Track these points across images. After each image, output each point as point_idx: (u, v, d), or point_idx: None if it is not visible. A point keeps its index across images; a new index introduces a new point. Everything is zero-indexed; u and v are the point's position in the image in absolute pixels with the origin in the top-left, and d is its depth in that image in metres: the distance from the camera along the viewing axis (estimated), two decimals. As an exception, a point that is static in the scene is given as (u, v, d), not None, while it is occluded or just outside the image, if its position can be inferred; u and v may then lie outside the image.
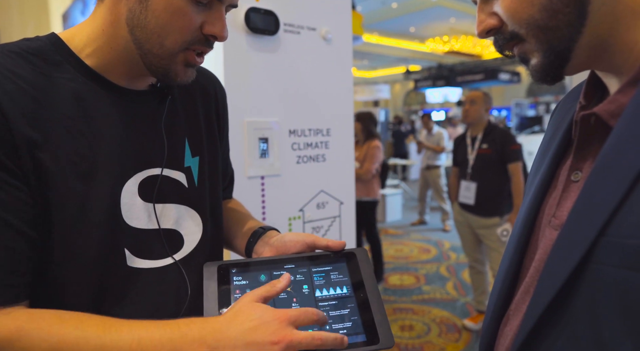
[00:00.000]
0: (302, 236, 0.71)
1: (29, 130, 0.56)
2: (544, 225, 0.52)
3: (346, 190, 1.68)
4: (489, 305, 0.58)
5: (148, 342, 0.52)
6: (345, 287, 0.65)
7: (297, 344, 0.52)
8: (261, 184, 1.44)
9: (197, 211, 0.73)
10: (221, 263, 0.65)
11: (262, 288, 0.58)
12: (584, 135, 0.50)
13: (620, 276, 0.38)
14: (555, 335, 0.43)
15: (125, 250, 0.64)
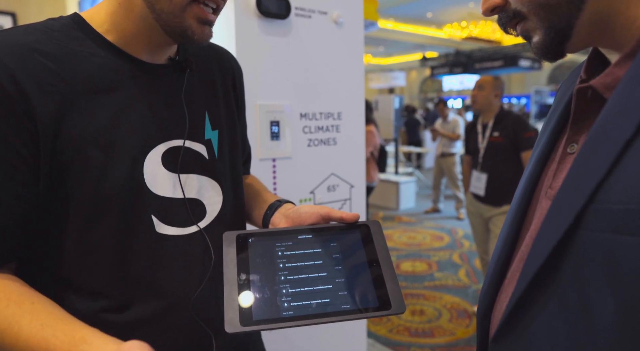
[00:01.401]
0: (317, 208, 0.73)
1: (49, 103, 0.59)
2: (541, 196, 0.54)
3: (357, 173, 1.70)
4: (487, 275, 0.60)
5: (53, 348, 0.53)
6: (359, 257, 0.67)
7: None
8: (272, 166, 1.47)
9: (217, 182, 0.77)
10: (240, 233, 0.67)
11: None
12: (580, 108, 0.50)
13: (606, 241, 0.39)
14: (545, 298, 0.45)
15: (153, 216, 0.68)
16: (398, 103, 6.35)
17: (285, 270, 0.64)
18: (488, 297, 0.58)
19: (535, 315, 0.46)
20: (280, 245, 0.67)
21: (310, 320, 0.59)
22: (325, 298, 0.61)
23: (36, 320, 0.54)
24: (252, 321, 0.58)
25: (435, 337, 2.90)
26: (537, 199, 0.55)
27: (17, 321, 0.54)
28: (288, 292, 0.61)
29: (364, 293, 0.63)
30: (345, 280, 0.64)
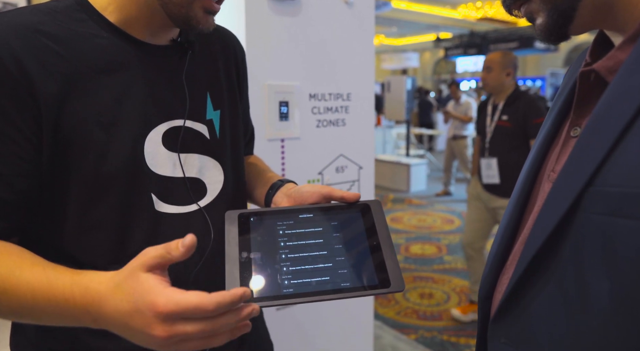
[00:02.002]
0: (318, 187, 0.73)
1: (52, 84, 0.60)
2: (544, 180, 0.54)
3: (365, 154, 1.69)
4: (489, 257, 0.60)
5: (40, 296, 0.53)
6: (359, 236, 0.68)
7: (179, 338, 0.47)
8: (281, 147, 1.46)
9: (218, 161, 0.77)
10: (242, 212, 0.68)
11: (156, 252, 0.51)
12: (583, 92, 0.50)
13: (603, 223, 0.40)
14: (544, 280, 0.45)
15: (152, 195, 0.68)
16: (410, 85, 6.28)
17: (286, 249, 0.65)
18: (490, 279, 0.58)
19: (534, 295, 0.46)
20: (282, 224, 0.68)
21: (309, 297, 0.60)
22: (325, 276, 0.62)
23: (38, 265, 0.55)
24: (252, 298, 0.59)
25: (444, 320, 2.92)
26: (540, 182, 0.55)
27: (19, 266, 0.55)
28: (289, 270, 0.62)
29: (363, 271, 0.64)
30: (345, 258, 0.65)
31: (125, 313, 0.48)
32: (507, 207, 0.60)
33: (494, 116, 2.65)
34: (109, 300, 0.50)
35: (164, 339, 0.47)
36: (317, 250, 0.65)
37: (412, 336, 2.72)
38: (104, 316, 0.50)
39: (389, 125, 8.75)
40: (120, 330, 0.50)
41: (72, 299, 0.52)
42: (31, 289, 0.54)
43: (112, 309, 0.49)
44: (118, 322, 0.49)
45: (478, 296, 0.61)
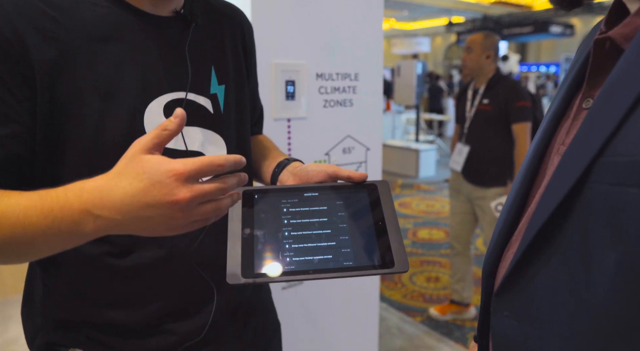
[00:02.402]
0: (324, 167, 0.73)
1: (48, 50, 0.60)
2: (553, 154, 0.52)
3: (373, 136, 1.68)
4: (493, 234, 0.59)
5: (33, 212, 0.51)
6: (365, 216, 0.67)
7: (201, 198, 0.49)
8: (287, 127, 1.45)
9: (222, 136, 0.76)
10: (246, 189, 0.68)
11: (151, 134, 0.51)
12: (598, 61, 0.48)
13: (612, 193, 0.38)
14: (549, 253, 0.45)
15: None
16: (421, 69, 6.20)
17: (289, 226, 0.64)
18: (494, 256, 0.57)
19: (539, 269, 0.46)
20: (286, 201, 0.67)
21: (311, 275, 0.60)
22: (327, 255, 0.62)
23: (35, 194, 0.53)
24: (253, 274, 0.59)
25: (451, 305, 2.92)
26: (550, 157, 0.54)
27: (7, 195, 0.54)
28: (291, 247, 0.62)
29: (367, 251, 0.63)
30: (350, 237, 0.64)
31: (140, 191, 0.48)
32: (514, 183, 0.59)
33: (474, 101, 2.53)
34: (114, 189, 0.49)
35: (188, 201, 0.48)
36: (321, 228, 0.65)
37: (418, 318, 2.74)
38: (108, 207, 0.48)
39: (398, 111, 8.68)
40: (132, 216, 0.49)
41: (68, 205, 0.50)
42: (23, 207, 0.51)
43: (120, 195, 0.48)
44: (129, 207, 0.48)
45: (482, 273, 0.60)
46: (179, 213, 0.49)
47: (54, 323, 0.73)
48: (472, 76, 2.58)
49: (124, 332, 0.71)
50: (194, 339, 0.74)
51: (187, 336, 0.74)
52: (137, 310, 0.71)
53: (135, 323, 0.71)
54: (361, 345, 1.85)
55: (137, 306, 0.70)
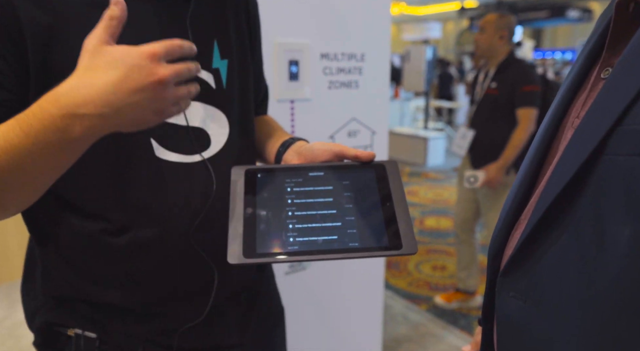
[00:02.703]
0: (330, 145, 0.70)
1: (41, 17, 0.57)
2: (567, 128, 0.49)
3: (379, 119, 1.63)
4: (500, 214, 0.56)
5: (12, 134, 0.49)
6: (372, 197, 0.65)
7: (178, 75, 0.51)
8: (290, 108, 1.41)
9: (224, 112, 0.74)
10: (249, 167, 0.66)
11: (99, 27, 0.51)
12: (619, 26, 0.44)
13: (629, 164, 0.36)
14: (560, 230, 0.42)
15: (152, 140, 0.66)
16: (431, 54, 6.09)
17: (293, 206, 0.62)
18: (501, 236, 0.55)
19: (548, 247, 0.43)
20: (290, 181, 0.65)
21: (315, 255, 0.58)
22: (332, 235, 0.60)
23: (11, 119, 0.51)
24: (255, 254, 0.57)
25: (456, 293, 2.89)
26: (563, 132, 0.50)
27: None
28: (295, 228, 0.60)
29: (374, 232, 0.61)
30: (356, 218, 0.62)
31: (121, 79, 0.48)
32: (525, 159, 0.55)
33: (483, 84, 2.45)
34: (93, 83, 0.48)
35: (169, 77, 0.49)
36: (326, 208, 0.62)
37: (423, 306, 2.72)
38: (94, 102, 0.48)
39: (406, 98, 8.58)
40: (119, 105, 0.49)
41: (47, 114, 0.48)
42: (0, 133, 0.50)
43: (102, 87, 0.48)
44: (115, 96, 0.48)
45: (488, 254, 0.57)
46: (162, 93, 0.50)
47: (53, 301, 0.72)
48: (484, 58, 2.49)
49: (122, 313, 0.70)
50: (194, 322, 0.72)
51: (187, 319, 0.72)
52: (135, 291, 0.69)
53: (133, 304, 0.69)
54: (365, 332, 1.83)
55: (135, 286, 0.69)
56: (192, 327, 0.72)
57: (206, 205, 0.69)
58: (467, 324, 2.53)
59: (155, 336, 0.71)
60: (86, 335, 0.70)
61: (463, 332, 2.44)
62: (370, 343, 1.87)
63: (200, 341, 0.74)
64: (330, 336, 1.71)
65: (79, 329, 0.70)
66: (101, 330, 0.70)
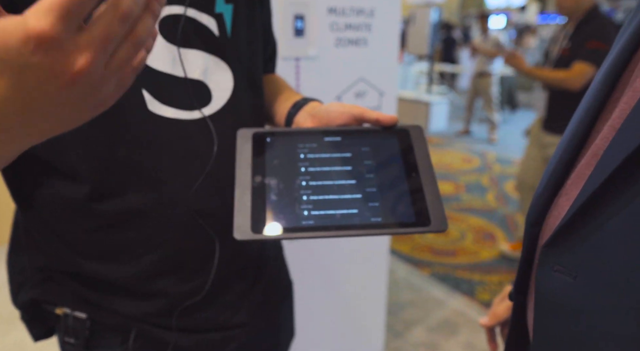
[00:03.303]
0: (349, 107, 0.62)
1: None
2: (633, 78, 0.42)
3: (388, 79, 1.56)
4: (543, 177, 0.51)
5: None
6: (395, 166, 0.58)
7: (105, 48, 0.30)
8: (295, 67, 1.34)
9: (228, 64, 0.65)
10: (257, 130, 0.59)
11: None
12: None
13: None
14: (625, 197, 0.37)
15: (144, 91, 0.58)
16: (436, 17, 5.90)
17: (307, 175, 0.56)
18: (542, 202, 0.49)
19: (607, 219, 0.38)
20: (303, 146, 0.58)
21: (333, 231, 0.51)
22: (352, 209, 0.53)
23: None
24: (265, 229, 0.51)
25: (458, 257, 2.89)
26: (627, 83, 0.44)
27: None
28: (309, 199, 0.54)
29: (399, 206, 0.55)
30: (378, 189, 0.56)
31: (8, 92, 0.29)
32: (573, 118, 0.49)
33: (562, 43, 2.30)
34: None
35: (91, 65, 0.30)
36: (344, 178, 0.56)
37: (426, 272, 2.72)
38: None
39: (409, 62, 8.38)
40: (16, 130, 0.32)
41: None
42: None
43: None
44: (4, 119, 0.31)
45: (525, 221, 0.52)
46: (89, 87, 0.31)
47: (39, 276, 0.66)
48: (568, 16, 2.31)
49: (114, 290, 0.64)
50: (193, 299, 0.66)
51: (186, 296, 0.66)
52: (126, 264, 0.63)
53: (124, 278, 0.63)
54: (370, 298, 1.83)
55: (126, 259, 0.63)
56: (191, 305, 0.66)
57: (206, 168, 0.62)
58: (469, 289, 2.53)
59: (151, 316, 0.66)
60: (75, 315, 0.65)
61: (465, 297, 2.45)
62: (375, 308, 1.87)
63: (202, 320, 0.68)
64: (334, 301, 1.70)
65: (68, 308, 0.65)
66: (92, 309, 0.65)
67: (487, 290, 2.53)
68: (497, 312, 0.78)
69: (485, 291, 2.51)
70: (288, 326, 0.87)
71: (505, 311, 0.76)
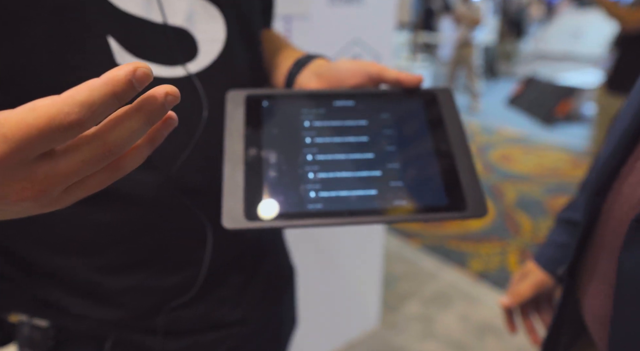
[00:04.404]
0: (363, 64, 0.51)
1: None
2: None
3: (384, 42, 1.45)
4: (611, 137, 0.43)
5: None
6: (421, 136, 0.48)
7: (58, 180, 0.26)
8: (286, 26, 1.22)
9: (219, 8, 0.52)
10: (251, 92, 0.48)
11: None
12: None
13: None
14: None
15: (110, 38, 0.44)
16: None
17: (313, 147, 0.46)
18: (610, 167, 0.41)
19: None
20: (308, 112, 0.48)
21: (347, 218, 0.41)
22: (371, 189, 0.44)
23: None
24: (261, 215, 0.41)
25: (448, 227, 2.86)
26: None
27: None
28: (317, 178, 0.44)
29: (427, 186, 0.45)
30: (401, 165, 0.45)
31: None
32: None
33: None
34: None
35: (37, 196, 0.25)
36: (360, 151, 0.46)
37: (417, 244, 2.68)
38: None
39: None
40: None
41: None
42: None
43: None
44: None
45: (586, 187, 0.44)
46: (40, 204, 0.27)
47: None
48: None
49: (84, 290, 0.52)
50: (182, 296, 0.55)
51: (171, 292, 0.54)
52: (99, 258, 0.51)
53: (97, 276, 0.51)
54: (365, 273, 1.77)
55: (99, 251, 0.51)
56: (181, 304, 0.56)
57: (194, 137, 0.50)
58: (459, 258, 2.51)
59: (131, 319, 0.54)
60: (35, 323, 0.52)
61: (457, 268, 2.43)
62: (370, 283, 1.81)
63: (193, 320, 0.58)
64: (329, 277, 1.63)
65: (25, 314, 0.53)
66: (55, 315, 0.52)
67: (478, 260, 2.51)
68: (519, 291, 0.71)
69: (476, 261, 2.50)
70: (290, 317, 0.76)
71: (528, 290, 0.70)
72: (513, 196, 3.28)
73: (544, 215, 2.99)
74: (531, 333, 0.73)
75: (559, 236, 0.68)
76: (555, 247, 0.68)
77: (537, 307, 0.72)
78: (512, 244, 2.66)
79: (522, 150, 4.29)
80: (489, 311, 2.08)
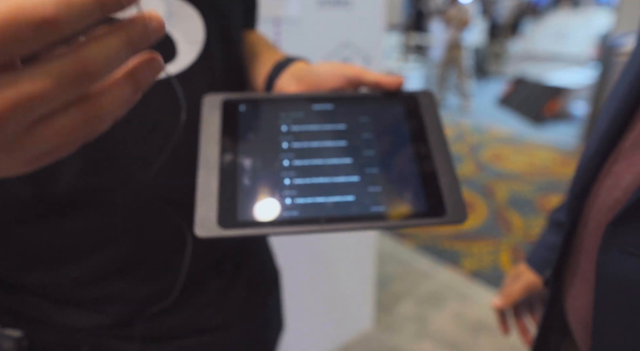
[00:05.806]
0: (343, 68, 0.50)
1: None
2: None
3: (374, 44, 1.46)
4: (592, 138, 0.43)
5: None
6: (401, 141, 0.47)
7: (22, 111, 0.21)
8: (275, 29, 1.22)
9: (198, 8, 0.51)
10: (228, 96, 0.47)
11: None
12: None
13: None
14: None
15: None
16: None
17: (290, 152, 0.45)
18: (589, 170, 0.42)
19: None
20: (286, 116, 0.47)
21: (323, 225, 0.41)
22: (348, 195, 0.43)
23: None
24: (236, 222, 0.40)
25: (440, 228, 2.88)
26: None
27: None
28: (293, 184, 0.43)
29: (406, 192, 0.44)
30: (380, 171, 0.45)
31: None
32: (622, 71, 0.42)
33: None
34: None
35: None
36: (338, 156, 0.45)
37: (410, 244, 2.69)
38: None
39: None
40: None
41: None
42: None
43: None
44: None
45: (570, 190, 0.45)
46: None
47: None
48: None
49: (58, 298, 0.51)
50: (161, 303, 0.54)
51: (149, 299, 0.53)
52: (73, 265, 0.49)
53: (72, 284, 0.50)
54: (358, 274, 1.77)
55: (68, 259, 0.49)
56: (161, 310, 0.55)
57: (171, 141, 0.49)
58: (453, 259, 2.52)
59: (109, 327, 0.53)
60: (6, 333, 0.51)
61: (450, 268, 2.44)
62: (363, 284, 1.82)
63: (174, 327, 0.56)
64: (322, 279, 1.63)
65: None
66: (28, 324, 0.51)
67: (471, 259, 2.52)
68: (511, 293, 0.71)
69: (469, 260, 2.51)
70: (276, 321, 0.75)
71: (519, 291, 0.70)
72: (504, 195, 3.30)
73: (535, 213, 3.01)
74: (524, 333, 0.73)
75: (550, 237, 0.69)
76: (546, 248, 0.69)
77: (530, 308, 0.73)
78: (504, 242, 2.68)
79: (513, 149, 4.33)
80: (483, 310, 2.09)
